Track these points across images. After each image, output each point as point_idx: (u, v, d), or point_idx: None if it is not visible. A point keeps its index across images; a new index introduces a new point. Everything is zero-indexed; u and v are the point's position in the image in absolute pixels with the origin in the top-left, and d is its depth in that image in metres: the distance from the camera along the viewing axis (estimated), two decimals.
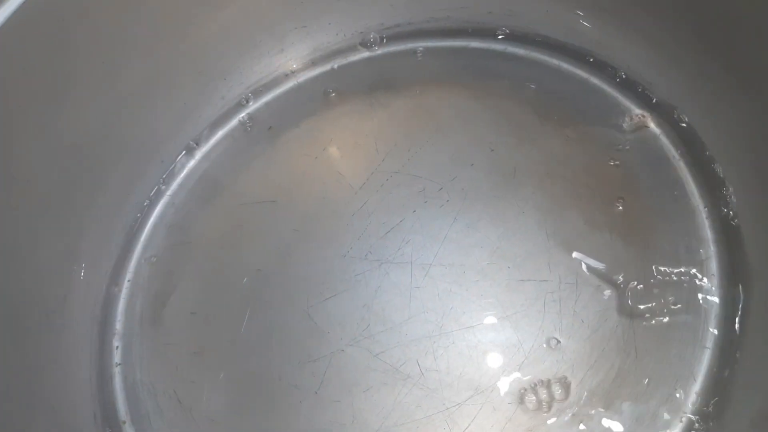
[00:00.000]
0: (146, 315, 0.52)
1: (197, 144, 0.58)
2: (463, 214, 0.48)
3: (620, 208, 0.46)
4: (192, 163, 0.58)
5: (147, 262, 0.54)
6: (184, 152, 0.57)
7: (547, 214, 0.47)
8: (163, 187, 0.56)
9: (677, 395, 0.40)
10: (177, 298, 0.51)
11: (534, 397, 0.42)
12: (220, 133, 0.59)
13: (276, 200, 0.53)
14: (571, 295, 0.44)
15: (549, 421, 0.41)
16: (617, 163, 0.49)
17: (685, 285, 0.43)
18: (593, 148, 0.50)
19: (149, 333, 0.51)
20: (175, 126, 0.58)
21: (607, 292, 0.44)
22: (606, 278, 0.44)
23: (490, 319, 0.44)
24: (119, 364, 0.50)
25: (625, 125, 0.50)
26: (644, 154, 0.48)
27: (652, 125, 0.49)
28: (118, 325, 0.52)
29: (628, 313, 0.43)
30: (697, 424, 0.40)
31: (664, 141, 0.49)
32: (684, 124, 0.48)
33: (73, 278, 0.50)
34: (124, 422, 0.48)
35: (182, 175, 0.57)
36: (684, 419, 0.40)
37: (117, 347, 0.51)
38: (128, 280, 0.54)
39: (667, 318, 0.43)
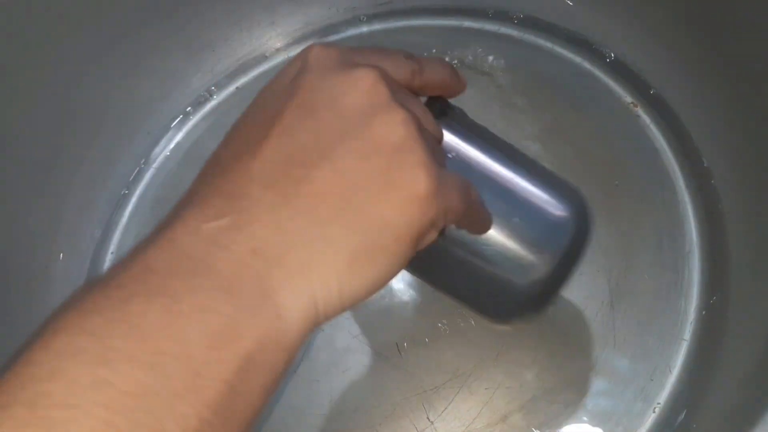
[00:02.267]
0: None
1: (184, 117, 0.57)
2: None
3: (605, 195, 0.46)
4: (180, 135, 0.57)
5: (133, 238, 0.53)
6: (171, 125, 0.57)
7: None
8: (151, 160, 0.56)
9: (652, 387, 0.41)
10: None
11: (511, 383, 0.42)
12: (208, 106, 0.58)
13: None
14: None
15: (525, 407, 0.41)
16: (604, 150, 0.48)
17: (666, 274, 0.44)
18: (580, 133, 0.49)
19: None
20: (162, 97, 0.57)
21: (588, 281, 0.44)
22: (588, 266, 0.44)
23: None
24: None
25: (614, 110, 0.50)
26: (632, 141, 0.48)
27: (642, 113, 0.49)
28: None
29: (608, 302, 0.43)
30: (670, 418, 0.40)
31: (653, 129, 0.49)
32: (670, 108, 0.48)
33: (52, 259, 0.50)
34: None
35: (170, 147, 0.57)
36: (657, 410, 0.40)
37: None
38: (111, 252, 0.54)
39: (647, 308, 0.43)
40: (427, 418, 0.42)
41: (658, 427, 0.40)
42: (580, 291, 0.43)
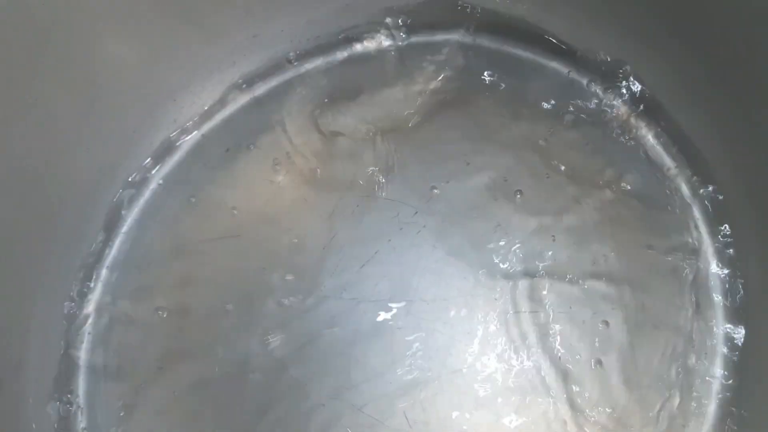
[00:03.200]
0: (110, 372, 0.48)
1: (147, 174, 0.53)
2: (441, 241, 0.44)
3: (606, 212, 0.43)
4: (146, 194, 0.53)
5: (104, 310, 0.49)
6: (134, 185, 0.52)
7: (531, 234, 0.43)
8: (116, 225, 0.52)
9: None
10: (143, 355, 0.47)
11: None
12: (174, 159, 0.54)
13: (240, 235, 0.49)
14: (566, 326, 0.40)
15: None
16: (603, 162, 0.44)
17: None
18: (572, 147, 0.45)
19: (115, 392, 0.47)
20: (121, 155, 0.53)
21: (603, 306, 0.40)
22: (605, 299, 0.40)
23: (481, 360, 0.41)
24: (85, 429, 0.47)
25: (605, 117, 0.45)
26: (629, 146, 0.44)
27: (633, 120, 0.45)
28: (81, 392, 0.48)
29: (623, 322, 0.39)
30: None
31: (648, 134, 0.45)
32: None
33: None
34: None
35: (136, 210, 0.53)
36: None
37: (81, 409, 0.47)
38: (88, 333, 0.50)
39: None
40: None
41: None
42: (596, 327, 0.39)
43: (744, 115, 0.39)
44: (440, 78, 0.49)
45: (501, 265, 0.43)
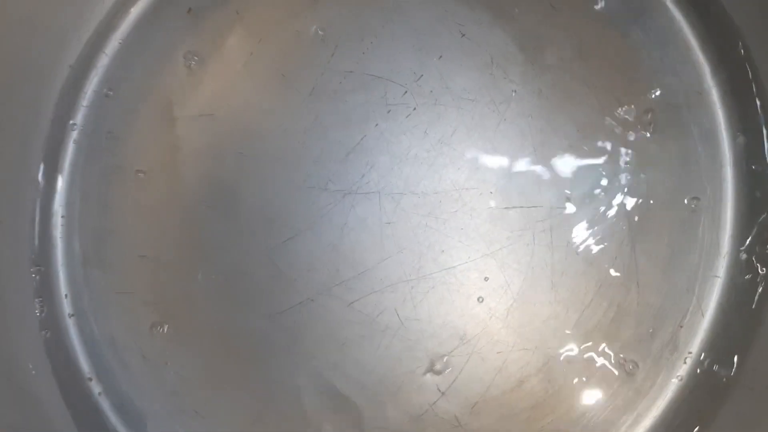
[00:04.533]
0: (89, 258, 0.46)
1: (106, 39, 0.47)
2: (433, 126, 0.41)
3: (622, 111, 0.39)
4: (105, 62, 0.48)
5: (78, 193, 0.47)
6: (93, 49, 0.47)
7: (532, 120, 0.40)
8: (79, 100, 0.47)
9: (682, 334, 0.37)
10: (120, 238, 0.45)
11: (525, 345, 0.38)
12: (131, 16, 0.48)
13: (213, 114, 0.45)
14: (564, 223, 0.39)
15: (541, 371, 0.38)
16: (616, 43, 0.40)
17: (693, 204, 0.38)
18: (588, 27, 0.40)
19: (98, 280, 0.46)
20: (78, 18, 0.47)
21: (606, 217, 0.38)
22: (604, 200, 0.38)
23: (473, 257, 0.39)
24: (72, 315, 0.46)
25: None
26: (658, 40, 0.39)
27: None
28: (61, 271, 0.46)
29: (629, 240, 0.38)
30: (704, 366, 0.37)
31: (684, 25, 0.40)
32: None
33: None
34: (90, 379, 0.45)
35: (95, 80, 0.48)
36: (688, 360, 0.37)
37: (66, 296, 0.46)
38: (62, 216, 0.47)
39: (672, 244, 0.37)
40: (438, 389, 0.39)
41: (692, 381, 0.36)
42: (597, 232, 0.38)
43: None
44: None
45: (497, 154, 0.40)
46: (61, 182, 0.47)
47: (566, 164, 0.39)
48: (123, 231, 0.45)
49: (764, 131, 0.37)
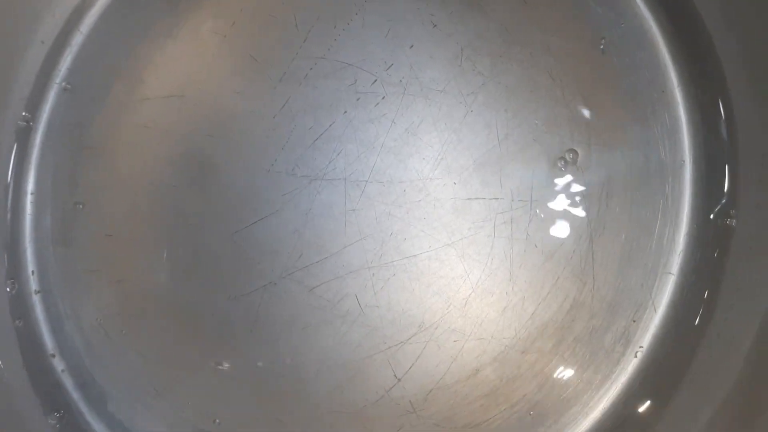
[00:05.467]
0: (57, 236, 0.46)
1: (81, 17, 0.47)
2: (401, 116, 0.41)
3: (586, 104, 0.39)
4: (78, 40, 0.48)
5: (49, 169, 0.47)
6: (65, 28, 0.47)
7: (498, 112, 0.40)
8: (52, 77, 0.47)
9: (634, 329, 0.38)
10: (88, 217, 0.46)
11: (481, 334, 0.39)
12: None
13: (183, 94, 0.45)
14: (524, 216, 0.39)
15: (496, 360, 0.38)
16: (584, 39, 0.40)
17: (652, 201, 0.38)
18: (557, 22, 0.41)
19: (65, 257, 0.46)
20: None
21: (566, 212, 0.39)
22: (564, 195, 0.39)
23: (434, 247, 0.40)
24: (38, 292, 0.46)
25: None
26: (622, 30, 0.40)
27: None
28: (29, 248, 0.47)
29: (587, 235, 0.38)
30: (653, 361, 0.37)
31: (644, 10, 0.40)
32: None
33: None
34: (53, 356, 0.45)
35: (69, 58, 0.48)
36: (639, 354, 0.37)
37: (33, 272, 0.47)
38: (31, 193, 0.47)
39: (630, 240, 0.38)
40: (394, 375, 0.39)
41: (641, 374, 0.37)
42: (556, 225, 0.38)
43: None
44: None
45: (463, 145, 0.40)
46: (32, 160, 0.47)
47: (529, 158, 0.39)
48: (91, 210, 0.45)
49: (724, 131, 0.38)
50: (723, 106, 0.37)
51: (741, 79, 0.36)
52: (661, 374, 0.37)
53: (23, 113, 0.47)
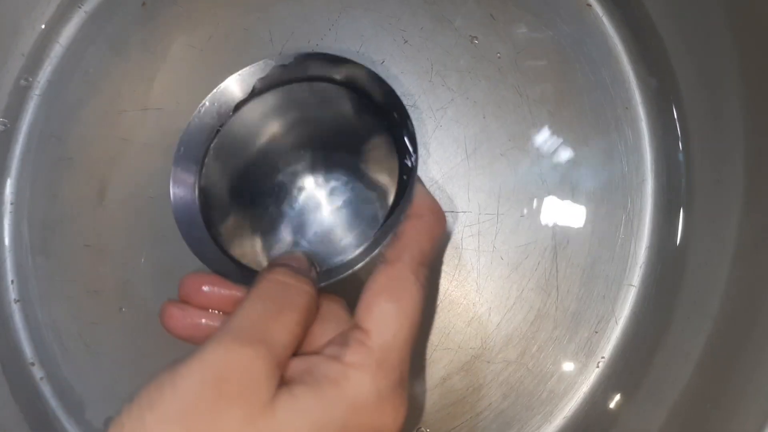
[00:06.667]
0: (36, 246, 0.47)
1: (58, 31, 0.48)
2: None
3: (552, 120, 0.40)
4: (59, 52, 0.49)
5: (27, 181, 0.48)
6: (47, 39, 0.48)
7: (466, 127, 0.41)
8: (32, 89, 0.48)
9: (596, 340, 0.39)
10: (67, 227, 0.46)
11: (449, 345, 0.40)
12: (87, 6, 0.49)
13: (162, 108, 0.46)
14: (491, 228, 0.40)
15: (463, 368, 0.39)
16: (551, 56, 0.41)
17: (615, 215, 0.39)
18: (526, 36, 0.42)
19: (44, 267, 0.47)
20: (33, 7, 0.48)
21: (532, 225, 0.40)
22: (531, 209, 0.40)
23: None
24: (18, 301, 0.47)
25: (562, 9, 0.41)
26: (587, 47, 0.41)
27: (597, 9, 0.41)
28: (8, 258, 0.47)
29: (552, 248, 0.39)
30: (614, 370, 0.38)
31: (610, 29, 0.41)
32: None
33: None
34: (32, 364, 0.46)
35: (48, 69, 0.49)
36: (601, 365, 0.39)
37: (12, 282, 0.47)
38: (11, 203, 0.48)
39: (593, 252, 0.39)
40: None
41: (602, 384, 0.38)
42: (522, 238, 0.39)
43: None
44: None
45: (431, 159, 0.41)
46: (11, 171, 0.48)
47: (497, 172, 0.40)
48: (70, 220, 0.46)
49: (680, 145, 0.39)
50: (679, 125, 0.38)
51: (697, 99, 0.37)
52: (621, 383, 0.38)
53: (2, 125, 0.48)
